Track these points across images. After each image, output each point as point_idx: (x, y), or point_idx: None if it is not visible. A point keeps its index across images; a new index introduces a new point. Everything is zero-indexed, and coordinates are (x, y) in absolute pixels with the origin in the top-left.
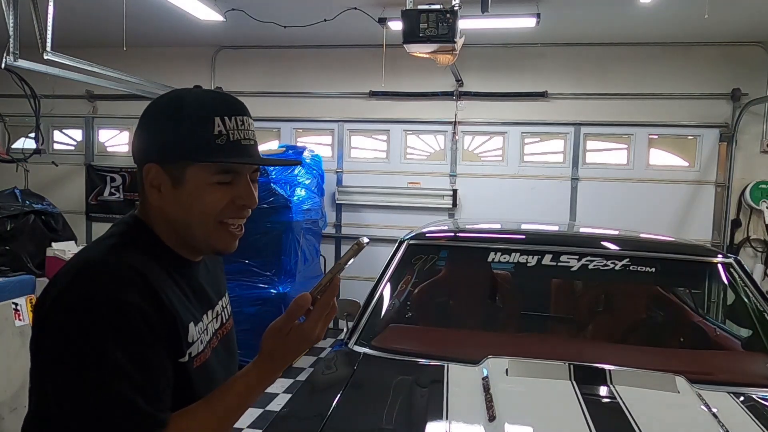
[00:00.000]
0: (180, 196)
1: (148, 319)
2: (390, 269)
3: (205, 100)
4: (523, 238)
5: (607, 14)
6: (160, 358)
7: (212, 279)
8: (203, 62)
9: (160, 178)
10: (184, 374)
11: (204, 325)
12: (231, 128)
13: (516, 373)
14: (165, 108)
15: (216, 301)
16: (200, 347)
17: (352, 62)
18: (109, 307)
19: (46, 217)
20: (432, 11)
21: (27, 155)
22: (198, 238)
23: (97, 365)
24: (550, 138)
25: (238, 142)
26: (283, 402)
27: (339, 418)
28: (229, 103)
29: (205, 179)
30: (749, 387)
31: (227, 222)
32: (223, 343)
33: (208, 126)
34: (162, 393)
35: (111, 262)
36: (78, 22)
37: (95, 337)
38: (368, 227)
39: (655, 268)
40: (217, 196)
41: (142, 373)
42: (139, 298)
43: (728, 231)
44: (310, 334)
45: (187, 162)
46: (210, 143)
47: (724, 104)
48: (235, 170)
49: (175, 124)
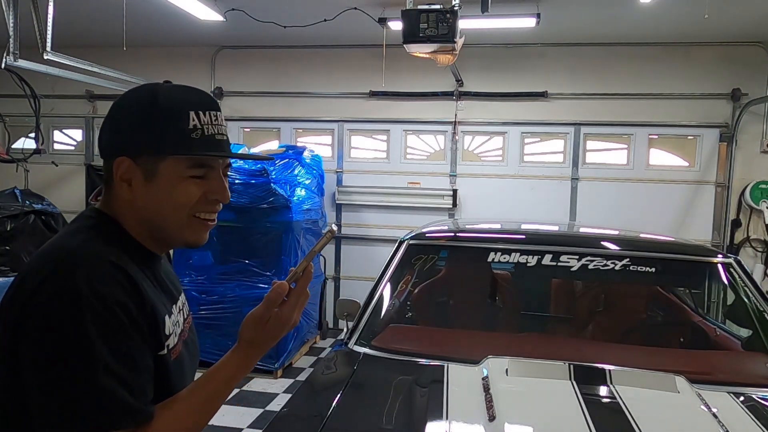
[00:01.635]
0: (152, 190)
1: (130, 313)
2: (390, 269)
3: (178, 95)
4: (523, 238)
5: (607, 14)
6: (142, 352)
7: (170, 275)
8: (203, 62)
9: (131, 172)
10: (162, 366)
11: (175, 318)
12: (205, 123)
13: (516, 373)
14: (137, 102)
15: (177, 296)
16: (175, 340)
17: (352, 62)
18: (93, 301)
19: (46, 217)
20: (432, 11)
21: (27, 155)
22: (170, 231)
23: (82, 359)
24: (550, 138)
25: (212, 136)
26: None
27: (339, 418)
28: (202, 98)
29: (179, 173)
30: (749, 387)
31: (200, 215)
32: (190, 335)
33: (183, 120)
34: (146, 387)
35: (91, 256)
36: (78, 22)
37: (81, 330)
38: (368, 227)
39: (655, 268)
40: (190, 190)
41: (127, 368)
42: (121, 292)
43: (728, 231)
44: (287, 320)
45: (161, 156)
46: (186, 137)
47: (724, 104)
48: (208, 164)
49: (148, 118)
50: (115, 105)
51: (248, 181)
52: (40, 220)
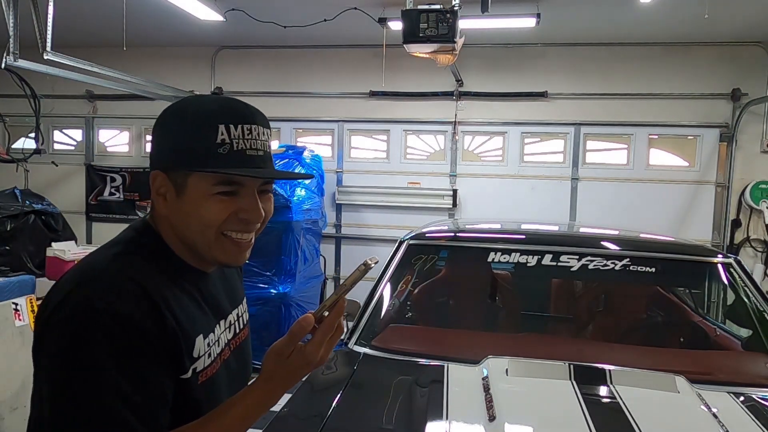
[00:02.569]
0: (182, 205)
1: (146, 334)
2: (390, 269)
3: (211, 107)
4: (523, 238)
5: (607, 14)
6: (157, 375)
7: (227, 286)
8: (203, 62)
9: (165, 186)
10: (186, 390)
11: (215, 337)
12: (236, 137)
13: (516, 373)
14: (172, 113)
15: (230, 310)
16: (207, 361)
17: (352, 62)
18: (106, 319)
19: (46, 217)
20: (432, 11)
21: (27, 155)
22: (200, 248)
23: (91, 379)
24: (550, 138)
25: (243, 152)
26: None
27: (339, 418)
28: (237, 111)
29: (206, 190)
30: (749, 387)
31: (230, 235)
32: (236, 354)
33: (210, 133)
34: (157, 412)
35: (112, 273)
36: (78, 22)
37: (91, 350)
38: (368, 227)
39: (655, 268)
40: (217, 207)
41: (136, 390)
42: (138, 311)
43: (728, 231)
44: (312, 357)
45: (187, 170)
46: (211, 151)
47: (724, 104)
48: (238, 182)
49: (178, 130)
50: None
51: None
52: (40, 220)
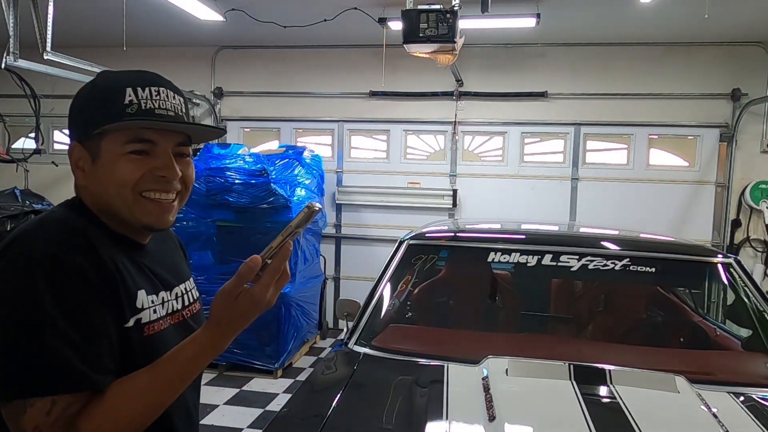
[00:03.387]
0: (98, 171)
1: (87, 277)
2: (390, 269)
3: (118, 75)
4: (523, 238)
5: (607, 14)
6: (100, 318)
7: (168, 263)
8: (203, 62)
9: (81, 156)
10: (131, 341)
11: (160, 299)
12: (143, 98)
13: (516, 373)
14: (84, 89)
15: (176, 284)
16: (153, 316)
17: (352, 62)
18: (45, 263)
19: None
20: (432, 11)
21: (27, 155)
22: (122, 213)
23: (31, 321)
24: (550, 138)
25: (151, 110)
26: (283, 402)
27: (339, 418)
28: (144, 76)
29: (118, 150)
30: (749, 387)
31: (148, 195)
32: (186, 324)
33: (118, 96)
34: (101, 354)
35: (52, 223)
36: (78, 22)
37: (31, 292)
38: (368, 227)
39: (655, 268)
40: (130, 166)
41: (78, 331)
42: (79, 256)
43: (728, 231)
44: (260, 299)
45: (96, 133)
46: (119, 112)
47: (724, 104)
48: (149, 139)
49: (89, 100)
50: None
51: (248, 181)
52: None
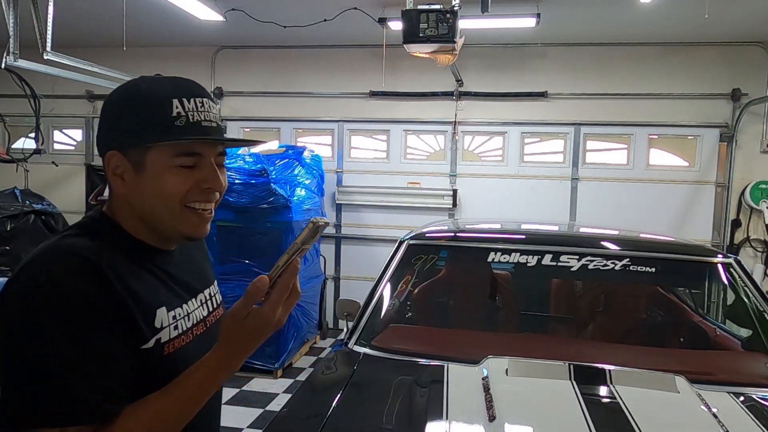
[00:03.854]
0: (142, 182)
1: (93, 305)
2: (390, 269)
3: (162, 84)
4: (523, 238)
5: (607, 14)
6: (108, 345)
7: (194, 267)
8: (203, 62)
9: (122, 166)
10: (152, 361)
11: (184, 311)
12: (190, 110)
13: (516, 373)
14: (122, 95)
15: (200, 289)
16: (173, 333)
17: (352, 62)
18: (51, 293)
19: (46, 217)
20: (432, 11)
21: (27, 155)
22: (165, 223)
23: (39, 354)
24: (550, 138)
25: (198, 123)
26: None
27: (339, 418)
28: (187, 86)
29: (166, 162)
30: (749, 387)
31: (193, 206)
32: (211, 331)
33: (166, 108)
34: (112, 382)
35: (59, 250)
36: (78, 22)
37: (38, 325)
38: (368, 227)
39: (655, 268)
40: (179, 179)
41: (86, 361)
42: (84, 283)
43: (728, 231)
44: (269, 318)
45: (146, 145)
46: (168, 124)
47: (724, 104)
48: (197, 152)
49: (132, 109)
50: (104, 102)
51: (248, 181)
52: (40, 220)
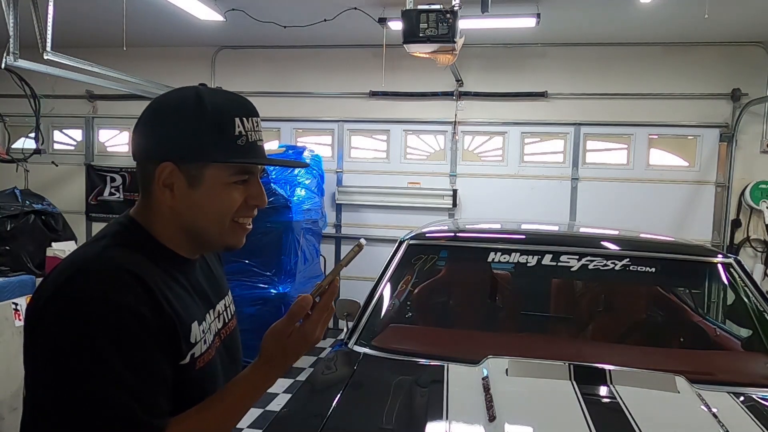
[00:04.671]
0: (195, 196)
1: (143, 322)
2: (390, 269)
3: (223, 101)
4: (523, 238)
5: (607, 14)
6: (157, 362)
7: (212, 278)
8: (203, 62)
9: (174, 178)
10: (185, 376)
11: (207, 325)
12: (249, 129)
13: (516, 373)
14: (182, 106)
15: (217, 301)
16: (203, 347)
17: (352, 62)
18: (103, 310)
19: (46, 217)
20: (432, 11)
21: (27, 155)
22: (211, 236)
23: (91, 370)
24: (550, 138)
25: (255, 143)
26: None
27: (339, 418)
28: (244, 104)
29: (224, 179)
30: (749, 387)
31: (239, 221)
32: (225, 343)
33: (229, 127)
34: (159, 398)
35: (105, 264)
36: (78, 22)
37: (89, 341)
38: (368, 227)
39: (655, 268)
40: (233, 196)
41: (137, 379)
42: (134, 300)
43: (728, 231)
44: (310, 336)
45: (207, 162)
46: (232, 144)
47: (724, 104)
48: (250, 171)
49: (195, 123)
50: (154, 108)
51: None
52: (40, 220)
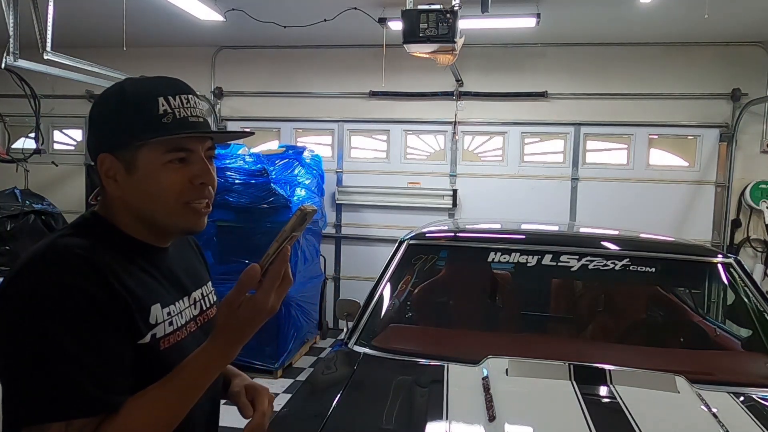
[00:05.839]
0: (136, 181)
1: (95, 301)
2: (390, 269)
3: (145, 83)
4: (523, 238)
5: (607, 14)
6: (110, 341)
7: (187, 266)
8: (203, 62)
9: (114, 167)
10: (148, 356)
11: (177, 309)
12: (176, 106)
13: (516, 373)
14: (108, 98)
15: (193, 289)
16: (168, 329)
17: (352, 62)
18: (53, 291)
19: (46, 217)
20: (432, 11)
21: (27, 155)
22: (163, 221)
23: (43, 351)
24: (550, 138)
25: (186, 119)
26: (283, 402)
27: (339, 418)
28: (171, 83)
29: (157, 159)
30: (749, 387)
31: (191, 204)
32: (204, 329)
33: (152, 106)
34: (114, 375)
35: (56, 249)
36: (78, 22)
37: (41, 322)
38: (368, 227)
39: (655, 268)
40: (172, 176)
41: (89, 356)
42: (84, 281)
43: (728, 231)
44: (262, 306)
45: (136, 145)
46: (156, 122)
47: (724, 104)
48: (186, 147)
49: (118, 110)
50: (91, 108)
51: (248, 181)
52: (40, 220)
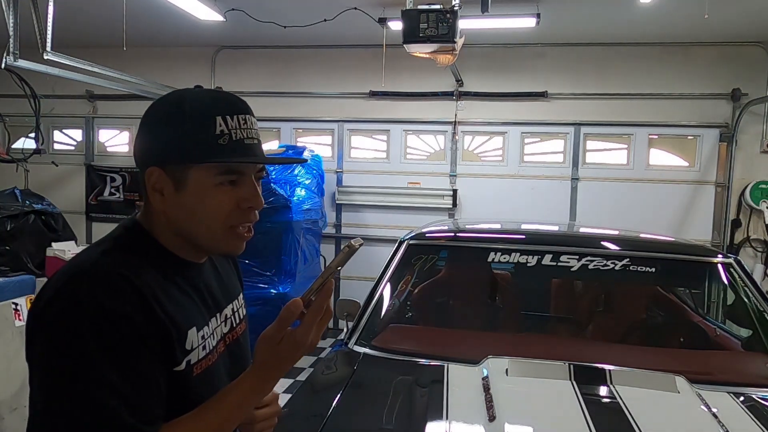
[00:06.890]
0: (183, 199)
1: (136, 328)
2: (390, 269)
3: (205, 100)
4: (523, 238)
5: (607, 14)
6: (148, 367)
7: (222, 280)
8: (203, 62)
9: (162, 182)
10: (182, 382)
11: (210, 330)
12: (233, 127)
13: (516, 373)
14: (165, 109)
15: (225, 305)
16: (201, 354)
17: (352, 62)
18: (94, 314)
19: (46, 217)
20: (432, 11)
21: (27, 155)
22: (204, 240)
23: (81, 375)
24: (550, 138)
25: (241, 141)
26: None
27: (339, 418)
28: (230, 102)
29: (208, 181)
30: (749, 387)
31: (236, 228)
32: (232, 347)
33: (209, 126)
34: (150, 403)
35: (100, 269)
36: (78, 22)
37: (81, 346)
38: (368, 227)
39: (655, 268)
40: (221, 198)
41: (126, 383)
42: (127, 306)
43: (728, 231)
44: (303, 341)
45: (188, 164)
46: (212, 143)
47: (724, 104)
48: (239, 171)
49: (175, 125)
50: (145, 114)
51: None
52: (40, 220)
